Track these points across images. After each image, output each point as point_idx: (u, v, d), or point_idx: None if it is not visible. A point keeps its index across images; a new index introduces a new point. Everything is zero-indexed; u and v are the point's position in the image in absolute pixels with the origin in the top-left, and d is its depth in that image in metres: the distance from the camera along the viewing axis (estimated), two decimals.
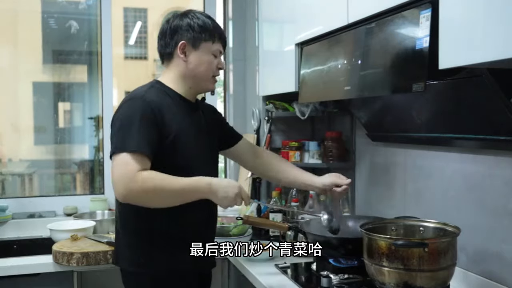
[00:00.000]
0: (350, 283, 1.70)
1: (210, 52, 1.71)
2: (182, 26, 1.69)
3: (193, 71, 1.71)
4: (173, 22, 1.71)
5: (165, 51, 1.73)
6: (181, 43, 1.68)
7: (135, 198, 1.51)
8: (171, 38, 1.70)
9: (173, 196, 1.56)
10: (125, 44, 4.25)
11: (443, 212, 1.78)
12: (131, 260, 1.67)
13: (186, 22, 1.69)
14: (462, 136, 1.64)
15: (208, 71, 1.73)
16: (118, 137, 1.57)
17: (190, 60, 1.70)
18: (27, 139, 3.21)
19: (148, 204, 1.56)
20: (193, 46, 1.69)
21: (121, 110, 1.63)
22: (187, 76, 1.72)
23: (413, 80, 1.32)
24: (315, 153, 2.52)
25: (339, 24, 1.77)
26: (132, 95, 1.66)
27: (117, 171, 1.52)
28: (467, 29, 1.18)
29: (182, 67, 1.71)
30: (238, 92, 3.09)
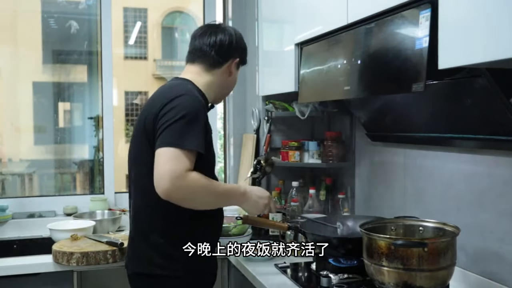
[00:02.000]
0: (350, 283, 1.70)
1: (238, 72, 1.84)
2: (243, 44, 1.81)
3: (227, 86, 1.81)
4: (238, 35, 1.79)
5: (216, 58, 1.74)
6: (237, 61, 1.78)
7: (179, 195, 1.49)
8: (231, 51, 1.76)
9: (212, 200, 1.59)
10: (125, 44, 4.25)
11: (442, 212, 1.78)
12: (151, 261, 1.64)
13: (243, 42, 1.81)
14: (462, 136, 1.64)
15: (233, 88, 1.87)
16: (177, 131, 1.51)
17: (231, 77, 1.80)
18: (27, 139, 3.22)
19: (186, 203, 1.53)
20: (237, 67, 1.81)
21: (181, 103, 1.56)
22: (220, 87, 1.78)
23: (412, 80, 1.32)
24: (314, 153, 2.52)
25: (339, 24, 1.77)
26: (184, 92, 1.61)
27: (166, 165, 1.47)
28: (466, 29, 1.19)
29: (223, 80, 1.77)
30: (238, 92, 3.09)
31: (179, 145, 1.48)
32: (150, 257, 1.64)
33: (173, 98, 1.57)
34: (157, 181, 1.47)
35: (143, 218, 1.67)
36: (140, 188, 1.68)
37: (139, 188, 1.68)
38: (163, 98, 1.60)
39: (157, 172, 1.47)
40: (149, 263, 1.64)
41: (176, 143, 1.48)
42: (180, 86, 1.66)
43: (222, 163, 3.28)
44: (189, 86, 1.66)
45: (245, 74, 3.06)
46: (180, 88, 1.64)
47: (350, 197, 2.41)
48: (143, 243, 1.66)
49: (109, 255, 2.10)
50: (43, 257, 2.17)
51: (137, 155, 1.69)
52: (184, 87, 1.65)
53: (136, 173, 1.69)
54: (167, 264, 1.62)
